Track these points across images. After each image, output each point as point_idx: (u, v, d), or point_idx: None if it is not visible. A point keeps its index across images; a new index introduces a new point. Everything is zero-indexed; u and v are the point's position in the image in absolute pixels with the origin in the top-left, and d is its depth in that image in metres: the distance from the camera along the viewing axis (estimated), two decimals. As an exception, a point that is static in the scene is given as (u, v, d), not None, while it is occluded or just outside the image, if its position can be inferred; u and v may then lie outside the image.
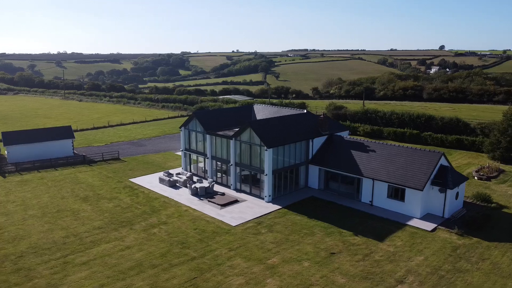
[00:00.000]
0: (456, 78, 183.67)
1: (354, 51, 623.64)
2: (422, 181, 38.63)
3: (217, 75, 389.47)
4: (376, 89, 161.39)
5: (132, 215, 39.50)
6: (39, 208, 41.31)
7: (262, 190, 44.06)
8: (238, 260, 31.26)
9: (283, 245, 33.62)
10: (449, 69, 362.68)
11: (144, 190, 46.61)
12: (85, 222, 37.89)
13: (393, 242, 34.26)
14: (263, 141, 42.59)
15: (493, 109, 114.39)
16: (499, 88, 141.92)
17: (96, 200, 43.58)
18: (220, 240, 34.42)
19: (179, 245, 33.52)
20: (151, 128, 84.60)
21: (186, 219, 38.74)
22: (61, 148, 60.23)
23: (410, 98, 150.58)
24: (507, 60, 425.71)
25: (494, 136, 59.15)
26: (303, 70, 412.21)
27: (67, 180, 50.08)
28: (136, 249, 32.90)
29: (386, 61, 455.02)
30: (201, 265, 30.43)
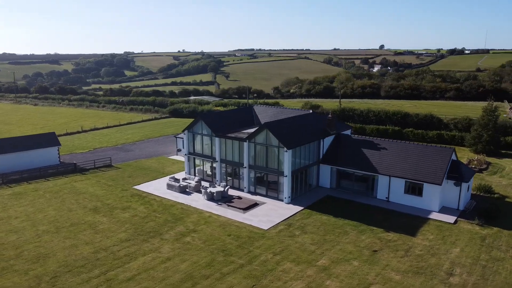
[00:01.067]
0: (407, 76, 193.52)
1: (300, 51, 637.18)
2: (439, 176, 40.40)
3: (165, 76, 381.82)
4: (336, 88, 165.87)
5: (155, 225, 37.74)
6: (49, 222, 38.27)
7: (280, 192, 43.89)
8: (287, 264, 30.94)
9: (324, 246, 33.73)
10: (390, 68, 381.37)
11: (155, 198, 44.69)
12: (109, 235, 35.66)
13: (425, 236, 35.53)
14: (282, 143, 42.41)
15: (449, 105, 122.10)
16: (449, 85, 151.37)
17: (109, 210, 41.15)
18: (260, 245, 33.86)
19: (220, 253, 32.54)
20: (130, 132, 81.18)
21: (214, 225, 37.67)
22: (47, 156, 56.17)
23: (369, 96, 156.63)
24: (441, 59, 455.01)
25: (475, 130, 63.14)
26: (252, 69, 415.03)
27: (65, 191, 46.80)
28: (178, 260, 31.51)
29: (331, 61, 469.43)
30: (253, 272, 29.77)
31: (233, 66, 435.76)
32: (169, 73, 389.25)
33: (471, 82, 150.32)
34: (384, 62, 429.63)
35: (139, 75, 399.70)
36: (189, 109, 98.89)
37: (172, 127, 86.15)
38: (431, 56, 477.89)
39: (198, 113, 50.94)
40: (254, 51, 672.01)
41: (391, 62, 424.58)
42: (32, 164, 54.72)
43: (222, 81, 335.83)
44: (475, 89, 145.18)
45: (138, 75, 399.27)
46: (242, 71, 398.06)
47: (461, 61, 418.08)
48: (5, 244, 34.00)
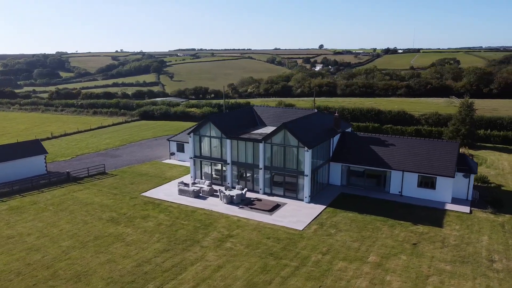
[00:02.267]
0: (356, 75, 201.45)
1: (242, 51, 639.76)
2: (451, 169, 42.76)
3: (105, 77, 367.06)
4: (293, 87, 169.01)
5: (187, 232, 36.30)
6: (69, 237, 35.40)
7: (299, 192, 44.06)
8: (340, 263, 31.21)
9: (365, 243, 34.40)
10: (331, 66, 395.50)
11: (170, 204, 42.94)
12: (143, 246, 33.74)
13: (451, 227, 37.46)
14: (302, 142, 42.60)
15: (405, 102, 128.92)
16: (400, 83, 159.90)
17: (128, 220, 38.90)
18: (304, 246, 33.80)
19: (269, 257, 32.07)
20: (106, 136, 77.03)
21: (248, 229, 36.99)
22: (33, 166, 51.89)
23: (326, 94, 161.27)
24: (377, 58, 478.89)
25: (453, 125, 67.40)
26: (197, 69, 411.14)
27: (69, 202, 43.51)
28: (230, 267, 30.59)
29: (274, 60, 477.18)
30: (312, 274, 29.70)
31: (177, 66, 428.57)
32: (109, 74, 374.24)
33: (420, 80, 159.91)
34: (325, 61, 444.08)
35: (76, 76, 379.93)
36: (160, 111, 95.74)
37: (148, 130, 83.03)
38: (368, 55, 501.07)
39: (208, 115, 49.59)
40: (195, 51, 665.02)
41: (331, 61, 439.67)
42: (18, 175, 50.32)
43: (167, 81, 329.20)
44: (423, 86, 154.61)
45: (75, 76, 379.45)
46: (187, 71, 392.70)
47: (396, 59, 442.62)
48: (32, 264, 30.99)
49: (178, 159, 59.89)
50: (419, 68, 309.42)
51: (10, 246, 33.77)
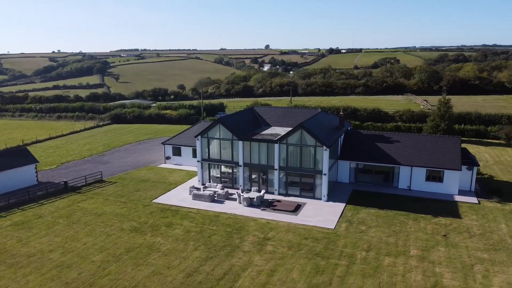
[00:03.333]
0: (312, 74, 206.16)
1: (188, 51, 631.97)
2: (458, 162, 45.15)
3: (44, 79, 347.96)
4: (254, 87, 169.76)
5: (221, 238, 35.30)
6: (97, 251, 33.10)
7: (316, 191, 44.41)
8: (386, 258, 31.88)
9: (400, 237, 35.36)
10: (279, 66, 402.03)
11: (189, 210, 41.53)
12: (182, 255, 32.35)
13: (469, 217, 39.56)
14: (319, 141, 42.95)
15: (368, 100, 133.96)
16: (357, 82, 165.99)
17: (154, 229, 37.10)
18: (344, 244, 34.13)
19: (317, 257, 32.04)
20: (83, 142, 72.76)
21: (281, 230, 36.68)
22: (24, 176, 47.94)
23: (287, 94, 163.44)
24: (322, 57, 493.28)
25: (432, 121, 71.01)
26: (143, 70, 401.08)
27: (78, 214, 40.65)
28: (283, 270, 30.18)
29: (222, 60, 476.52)
30: (366, 271, 30.09)
31: (122, 67, 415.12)
32: (48, 76, 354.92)
33: (376, 78, 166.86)
34: (272, 61, 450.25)
35: (10, 78, 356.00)
36: (133, 114, 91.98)
37: (126, 134, 79.56)
38: (313, 55, 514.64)
39: (219, 118, 48.34)
40: (139, 51, 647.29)
41: (279, 61, 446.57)
42: (7, 187, 46.30)
43: (112, 83, 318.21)
44: (379, 85, 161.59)
45: (9, 78, 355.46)
46: (133, 72, 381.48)
47: (340, 59, 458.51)
48: (72, 283, 28.61)
49: (174, 163, 57.98)
50: (362, 67, 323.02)
51: (36, 265, 30.96)
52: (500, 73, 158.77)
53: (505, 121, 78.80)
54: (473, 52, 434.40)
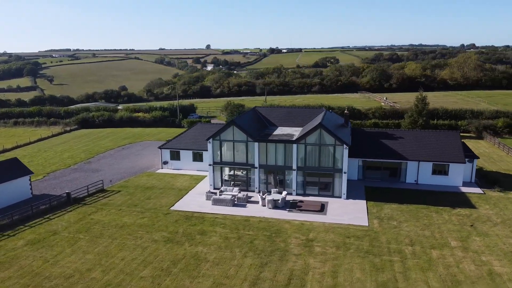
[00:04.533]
0: (264, 74, 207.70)
1: (125, 51, 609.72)
2: (461, 156, 47.78)
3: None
4: (212, 87, 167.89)
5: (264, 242, 34.42)
6: (140, 266, 30.82)
7: (335, 189, 44.82)
8: (433, 251, 32.90)
9: (432, 230, 36.67)
10: (222, 66, 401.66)
11: (215, 216, 40.07)
12: (235, 263, 31.10)
13: (483, 207, 41.99)
14: (339, 141, 43.38)
15: (328, 98, 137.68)
16: (313, 81, 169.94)
17: (189, 238, 35.31)
18: (387, 240, 34.75)
19: (368, 255, 32.31)
20: (60, 150, 67.44)
21: (320, 230, 36.55)
22: (18, 189, 43.53)
23: (245, 94, 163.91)
24: (264, 57, 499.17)
25: (410, 117, 74.54)
26: (80, 71, 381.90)
27: (96, 227, 37.59)
28: (343, 270, 30.10)
29: (163, 60, 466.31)
30: (421, 265, 30.86)
31: (55, 68, 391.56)
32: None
33: (331, 77, 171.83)
34: (215, 61, 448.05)
35: None
36: (102, 118, 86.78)
37: (102, 139, 74.96)
38: (256, 55, 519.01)
39: (231, 119, 46.97)
40: (72, 51, 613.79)
41: (222, 61, 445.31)
42: (1, 203, 41.72)
43: (46, 85, 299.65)
44: (334, 83, 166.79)
45: None
46: (68, 73, 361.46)
47: (282, 59, 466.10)
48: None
49: (172, 167, 55.60)
50: (304, 66, 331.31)
51: (82, 287, 28.18)
52: (442, 71, 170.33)
53: (469, 115, 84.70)
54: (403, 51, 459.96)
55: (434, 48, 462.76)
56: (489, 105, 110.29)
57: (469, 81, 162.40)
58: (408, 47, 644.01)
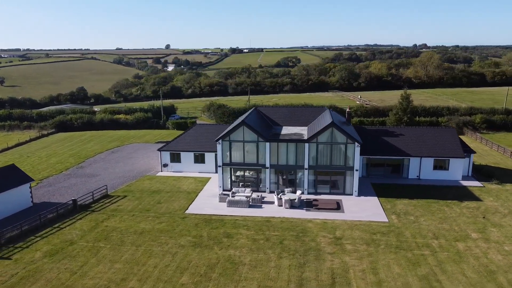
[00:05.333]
0: (233, 74, 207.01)
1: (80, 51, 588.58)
2: (460, 151, 49.74)
3: None
4: (182, 88, 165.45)
5: (294, 243, 34.23)
6: (177, 272, 29.73)
7: (346, 187, 45.35)
8: (458, 244, 34.01)
9: (449, 223, 37.93)
10: (184, 66, 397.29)
11: (235, 218, 39.41)
12: (272, 265, 30.73)
13: (487, 199, 43.91)
14: (351, 139, 43.96)
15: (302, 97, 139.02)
16: (284, 80, 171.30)
17: (216, 242, 34.47)
18: (412, 235, 35.51)
19: (400, 251, 32.93)
20: (44, 155, 63.84)
21: (345, 228, 36.83)
22: (19, 198, 40.83)
23: (217, 94, 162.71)
24: (226, 57, 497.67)
25: (395, 114, 76.82)
26: (33, 72, 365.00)
27: (115, 234, 35.87)
28: (381, 266, 30.51)
29: (122, 61, 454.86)
30: (452, 257, 31.79)
31: (5, 69, 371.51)
32: None
33: (302, 77, 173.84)
34: (176, 61, 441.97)
35: None
36: (82, 120, 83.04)
37: (86, 142, 71.76)
38: (217, 55, 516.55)
39: (242, 120, 46.18)
40: (22, 51, 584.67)
41: (183, 61, 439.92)
42: (1, 213, 39.00)
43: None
44: (305, 83, 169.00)
45: None
46: (20, 74, 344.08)
47: (244, 58, 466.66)
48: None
49: (172, 170, 54.13)
50: (266, 66, 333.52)
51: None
52: (407, 70, 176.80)
53: (446, 112, 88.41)
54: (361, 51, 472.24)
55: (390, 48, 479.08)
56: (458, 102, 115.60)
57: (432, 79, 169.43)
58: (365, 47, 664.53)
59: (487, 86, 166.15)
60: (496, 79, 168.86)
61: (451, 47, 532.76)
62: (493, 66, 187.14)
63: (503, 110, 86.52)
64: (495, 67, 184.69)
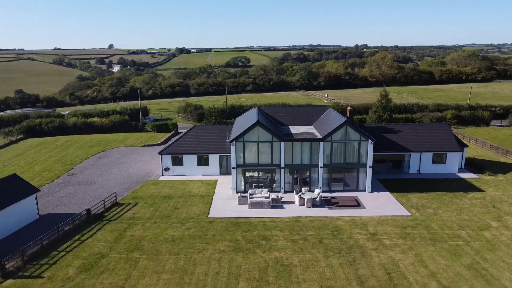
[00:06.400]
0: (191, 74, 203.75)
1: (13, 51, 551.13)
2: (456, 145, 52.49)
3: None
4: (143, 89, 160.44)
5: (333, 241, 34.35)
6: (232, 279, 28.78)
7: (359, 184, 46.24)
8: (483, 233, 35.83)
9: (466, 213, 39.82)
10: (130, 67, 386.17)
11: (262, 220, 38.78)
12: (337, 264, 30.67)
13: (488, 190, 46.64)
14: (364, 136, 44.90)
15: (265, 96, 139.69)
16: (246, 80, 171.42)
17: (255, 245, 33.74)
18: (440, 227, 36.90)
19: (437, 242, 34.09)
20: (24, 163, 58.92)
21: (374, 224, 37.52)
22: (25, 210, 37.45)
23: (179, 94, 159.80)
24: (174, 57, 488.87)
25: (375, 112, 79.40)
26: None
27: (146, 244, 33.92)
28: (428, 258, 31.44)
29: (62, 61, 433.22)
30: (486, 246, 33.48)
31: None
32: None
33: (263, 77, 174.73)
34: (122, 62, 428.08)
35: None
36: (53, 125, 77.59)
37: (65, 148, 67.21)
38: (165, 55, 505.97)
39: (256, 120, 45.36)
40: None
41: (129, 61, 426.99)
42: (8, 229, 35.65)
43: None
44: (267, 82, 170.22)
45: None
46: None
47: (193, 58, 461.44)
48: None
49: (174, 174, 52.24)
50: (216, 66, 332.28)
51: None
52: (363, 69, 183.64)
53: (416, 109, 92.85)
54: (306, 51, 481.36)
55: (336, 48, 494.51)
56: (418, 99, 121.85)
57: (386, 78, 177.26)
58: (309, 47, 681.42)
59: (436, 83, 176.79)
60: (443, 77, 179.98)
61: (390, 47, 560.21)
62: (440, 65, 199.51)
63: (467, 106, 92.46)
64: (441, 66, 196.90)
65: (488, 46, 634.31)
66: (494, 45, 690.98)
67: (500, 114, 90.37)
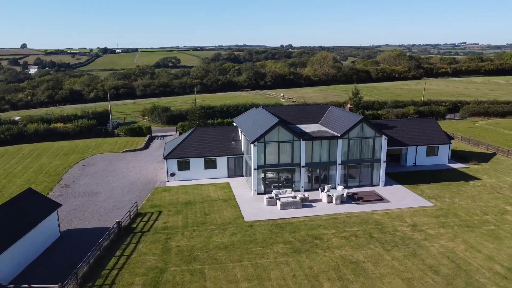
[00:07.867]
0: (131, 75, 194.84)
1: None
2: (446, 138, 56.35)
3: None
4: (83, 91, 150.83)
5: (383, 236, 35.16)
6: (324, 279, 28.30)
7: (374, 178, 47.76)
8: (506, 217, 38.98)
9: (482, 201, 42.85)
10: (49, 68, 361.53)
11: (303, 219, 38.49)
12: (395, 257, 31.30)
13: (482, 178, 50.65)
14: (379, 132, 46.51)
15: (228, 96, 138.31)
16: (194, 81, 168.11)
17: (313, 246, 33.38)
18: (467, 214, 39.38)
19: (474, 228, 36.32)
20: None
21: (408, 216, 38.99)
22: (48, 229, 33.37)
23: (124, 97, 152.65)
24: (97, 58, 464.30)
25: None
26: None
27: (200, 254, 31.95)
28: (470, 246, 33.45)
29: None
30: None
31: None
32: None
33: (211, 77, 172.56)
34: (39, 62, 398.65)
35: None
36: (10, 132, 69.52)
37: (35, 158, 60.69)
38: (87, 55, 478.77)
39: (278, 120, 44.71)
40: None
41: (48, 62, 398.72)
42: (36, 251, 31.65)
43: None
44: (215, 83, 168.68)
45: None
46: None
47: (119, 59, 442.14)
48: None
49: (181, 179, 49.79)
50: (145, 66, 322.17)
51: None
52: (305, 69, 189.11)
53: (377, 106, 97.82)
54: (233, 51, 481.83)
55: (265, 49, 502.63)
56: (368, 97, 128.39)
57: (328, 77, 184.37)
58: (236, 47, 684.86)
59: (372, 82, 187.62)
60: (379, 75, 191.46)
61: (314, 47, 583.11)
62: (375, 64, 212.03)
63: (421, 102, 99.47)
64: (376, 65, 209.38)
65: (400, 46, 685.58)
66: (404, 45, 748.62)
67: (450, 109, 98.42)
